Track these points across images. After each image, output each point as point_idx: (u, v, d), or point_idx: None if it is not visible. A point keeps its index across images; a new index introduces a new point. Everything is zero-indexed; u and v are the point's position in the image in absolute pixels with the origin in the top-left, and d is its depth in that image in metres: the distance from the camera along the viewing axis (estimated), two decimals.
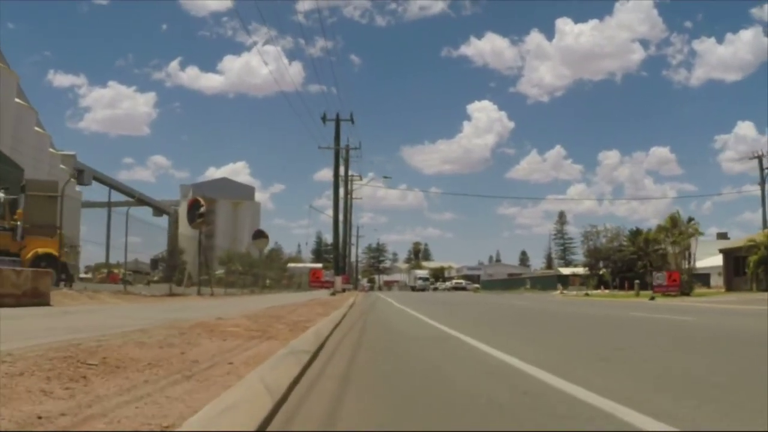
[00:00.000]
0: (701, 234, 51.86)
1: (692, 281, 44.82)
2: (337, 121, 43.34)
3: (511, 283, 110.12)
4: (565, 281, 79.75)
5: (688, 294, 39.29)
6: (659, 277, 38.16)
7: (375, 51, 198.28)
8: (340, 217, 51.12)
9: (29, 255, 22.05)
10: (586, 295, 53.09)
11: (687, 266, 46.11)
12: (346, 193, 51.03)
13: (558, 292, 69.55)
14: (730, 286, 52.63)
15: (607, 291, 60.00)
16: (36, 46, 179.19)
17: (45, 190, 19.95)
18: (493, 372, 5.80)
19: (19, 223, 22.34)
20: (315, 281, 37.57)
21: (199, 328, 7.57)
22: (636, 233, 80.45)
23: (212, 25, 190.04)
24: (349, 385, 4.77)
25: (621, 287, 63.61)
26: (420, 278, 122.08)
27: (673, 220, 48.41)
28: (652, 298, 35.20)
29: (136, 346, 5.33)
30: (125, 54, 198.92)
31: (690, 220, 49.26)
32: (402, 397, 4.40)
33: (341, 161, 47.06)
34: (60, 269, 22.15)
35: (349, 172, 51.56)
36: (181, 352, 5.12)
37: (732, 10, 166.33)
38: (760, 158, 52.24)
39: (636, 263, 72.64)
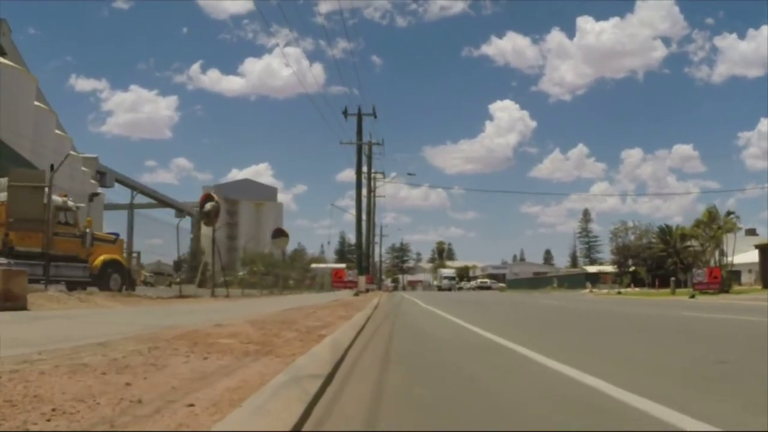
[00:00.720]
0: (739, 229, 49.32)
1: (731, 278, 42.69)
2: (359, 115, 41.66)
3: (538, 282, 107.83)
4: (593, 279, 77.57)
5: (727, 291, 37.20)
6: (699, 274, 35.92)
7: (396, 52, 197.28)
8: (363, 215, 49.50)
9: (97, 261, 23.61)
10: (619, 293, 51.01)
11: (723, 263, 43.67)
12: (369, 190, 49.32)
13: (587, 290, 67.45)
14: (766, 283, 50.46)
15: (638, 289, 57.70)
16: (57, 51, 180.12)
17: (30, 181, 18.41)
18: (573, 399, 4.09)
19: (88, 230, 23.59)
20: (338, 281, 35.88)
21: (182, 340, 5.93)
22: (666, 230, 78.14)
23: (233, 28, 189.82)
24: None
25: (651, 285, 61.36)
26: (446, 277, 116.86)
27: (711, 215, 45.94)
28: (693, 296, 33.12)
29: (67, 373, 3.68)
30: (146, 58, 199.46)
31: (729, 213, 46.71)
32: None
33: (363, 158, 45.43)
34: (125, 275, 24.59)
35: (372, 170, 49.89)
36: (126, 384, 3.45)
37: (753, 6, 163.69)
38: None
39: (666, 261, 70.37)
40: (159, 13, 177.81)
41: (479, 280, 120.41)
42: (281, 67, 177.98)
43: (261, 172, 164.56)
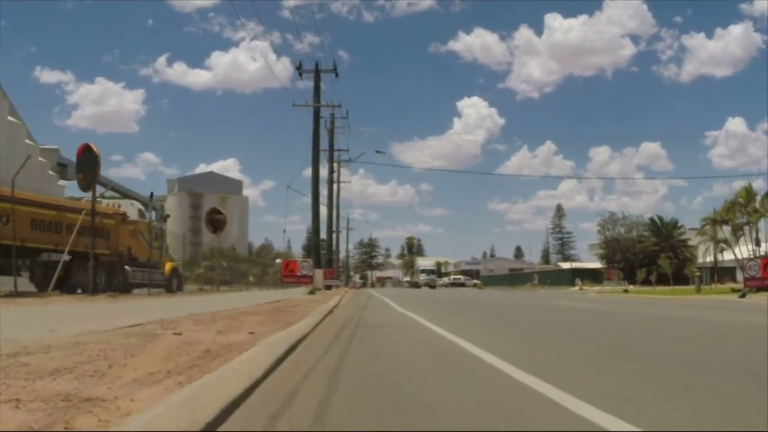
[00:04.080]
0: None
1: None
2: (317, 71, 33.30)
3: (515, 278, 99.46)
4: (581, 275, 70.71)
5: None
6: (753, 267, 28.36)
7: (363, 47, 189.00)
8: (325, 199, 41.73)
9: (167, 268, 27.84)
10: (626, 291, 43.84)
11: (759, 254, 36.33)
12: (331, 170, 41.50)
13: (577, 287, 60.52)
14: None
15: (647, 287, 50.20)
16: (21, 42, 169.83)
17: None
18: None
19: (166, 243, 29.59)
20: (288, 276, 28.09)
21: None
22: (657, 222, 71.64)
23: (198, 21, 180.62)
24: None
25: (646, 282, 54.27)
26: (424, 271, 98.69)
27: (749, 193, 38.39)
28: (743, 295, 25.77)
29: None
30: (112, 50, 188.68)
31: None
32: None
33: (324, 130, 37.73)
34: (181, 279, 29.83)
35: (335, 146, 41.94)
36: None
37: (721, 6, 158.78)
38: None
39: (658, 255, 63.59)
40: (123, 5, 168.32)
41: (452, 277, 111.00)
42: (248, 61, 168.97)
43: (228, 168, 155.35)
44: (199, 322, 8.40)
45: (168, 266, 27.80)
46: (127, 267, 23.95)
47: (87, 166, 18.51)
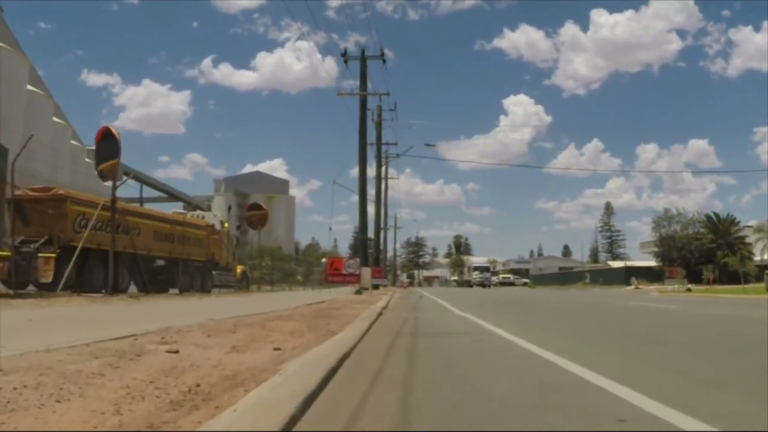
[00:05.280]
0: None
1: None
2: (363, 58, 30.90)
3: (565, 277, 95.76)
4: (636, 273, 67.41)
5: None
6: None
7: (408, 46, 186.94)
8: (375, 196, 39.79)
9: (238, 270, 31.33)
10: (688, 290, 40.91)
11: None
12: (379, 164, 39.29)
13: (632, 286, 57.45)
14: None
15: (707, 286, 47.11)
16: (67, 46, 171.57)
17: None
18: None
19: (237, 249, 32.14)
20: (334, 274, 26.16)
21: None
22: (714, 219, 68.03)
23: (243, 22, 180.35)
24: None
25: (697, 280, 51.01)
26: (477, 269, 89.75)
27: None
28: None
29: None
30: (158, 52, 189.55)
31: None
32: None
33: (371, 119, 35.59)
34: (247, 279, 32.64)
35: (383, 140, 39.76)
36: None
37: None
38: None
39: (715, 252, 60.13)
40: (168, 7, 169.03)
41: (501, 276, 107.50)
42: (294, 62, 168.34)
43: (275, 168, 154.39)
44: (214, 332, 6.47)
45: (239, 269, 31.56)
46: (213, 271, 27.26)
47: (107, 151, 16.64)
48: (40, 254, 17.36)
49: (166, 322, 7.50)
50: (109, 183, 18.12)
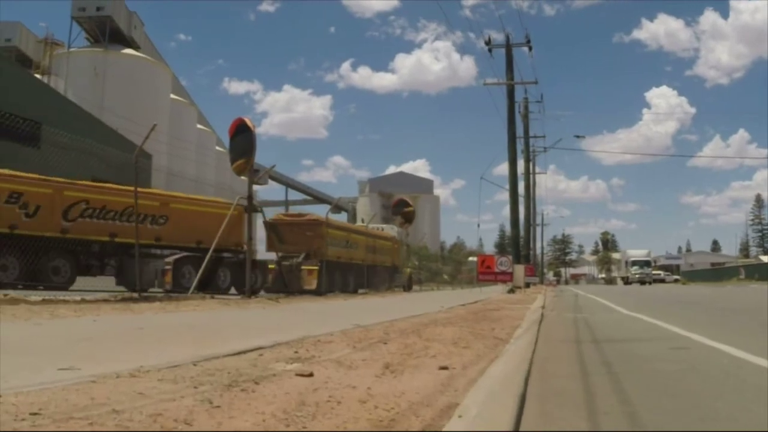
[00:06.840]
0: None
1: None
2: (508, 46, 29.37)
3: (718, 273, 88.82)
4: None
5: None
6: None
7: (545, 42, 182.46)
8: (524, 192, 37.97)
9: (406, 272, 34.54)
10: None
11: None
12: (527, 158, 37.50)
13: None
14: None
15: None
16: (208, 56, 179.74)
17: None
18: None
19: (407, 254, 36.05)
20: (485, 273, 24.86)
21: None
22: None
23: (379, 25, 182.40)
24: None
25: None
26: (636, 263, 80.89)
27: None
28: None
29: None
30: (296, 58, 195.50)
31: None
32: None
33: (518, 112, 33.82)
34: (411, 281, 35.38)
35: (530, 133, 37.86)
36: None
37: None
38: None
39: None
40: (304, 13, 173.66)
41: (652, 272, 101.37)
42: (432, 62, 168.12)
43: (418, 168, 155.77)
44: (359, 343, 5.48)
45: (407, 271, 34.85)
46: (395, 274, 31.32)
47: (242, 145, 16.12)
48: (303, 266, 21.45)
49: (305, 329, 6.58)
50: (245, 178, 17.86)
